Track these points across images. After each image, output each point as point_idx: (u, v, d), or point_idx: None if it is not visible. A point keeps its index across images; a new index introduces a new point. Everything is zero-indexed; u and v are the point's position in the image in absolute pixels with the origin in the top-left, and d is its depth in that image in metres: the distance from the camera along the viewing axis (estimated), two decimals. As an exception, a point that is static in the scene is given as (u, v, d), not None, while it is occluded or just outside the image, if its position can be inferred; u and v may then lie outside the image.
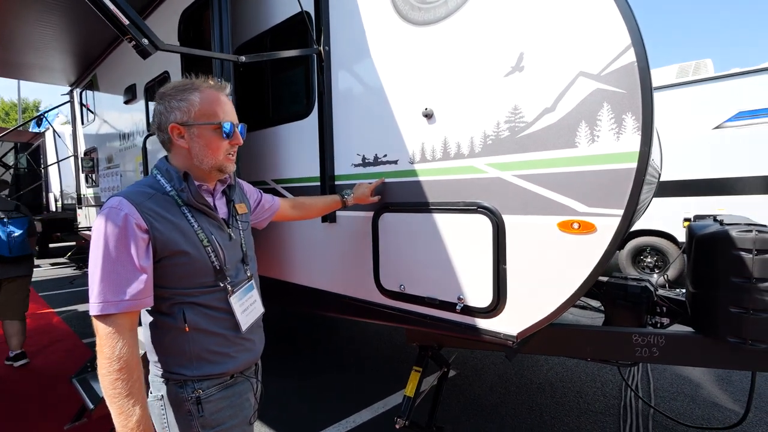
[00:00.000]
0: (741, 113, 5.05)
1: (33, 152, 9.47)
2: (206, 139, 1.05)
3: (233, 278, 1.11)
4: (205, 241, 1.04)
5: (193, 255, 1.01)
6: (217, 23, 2.21)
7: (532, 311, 1.44)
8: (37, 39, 4.63)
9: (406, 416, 1.97)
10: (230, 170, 1.13)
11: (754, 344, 1.53)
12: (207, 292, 1.05)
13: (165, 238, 0.98)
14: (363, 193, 1.78)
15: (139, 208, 0.96)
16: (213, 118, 1.05)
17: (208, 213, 1.09)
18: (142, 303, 0.95)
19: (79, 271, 8.24)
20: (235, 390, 1.12)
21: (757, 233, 1.53)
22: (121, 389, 0.91)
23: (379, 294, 1.94)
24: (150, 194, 1.01)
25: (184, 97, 1.04)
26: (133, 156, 4.38)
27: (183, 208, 1.04)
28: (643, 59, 1.16)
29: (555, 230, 1.35)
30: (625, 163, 1.20)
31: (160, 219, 0.98)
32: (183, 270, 1.01)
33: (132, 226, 0.93)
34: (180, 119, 1.04)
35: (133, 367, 0.92)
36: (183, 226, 1.02)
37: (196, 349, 1.04)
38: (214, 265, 1.05)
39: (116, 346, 0.91)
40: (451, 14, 1.60)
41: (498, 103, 1.47)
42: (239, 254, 1.16)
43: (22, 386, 3.14)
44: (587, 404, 2.77)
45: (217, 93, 1.08)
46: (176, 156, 1.09)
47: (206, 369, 1.05)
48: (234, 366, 1.10)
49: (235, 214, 1.19)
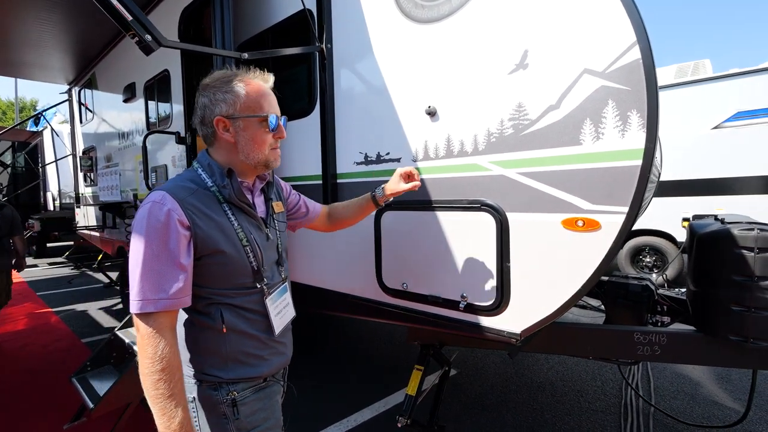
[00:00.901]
0: (740, 113, 5.07)
1: (31, 151, 9.44)
2: (252, 133, 1.02)
3: (269, 280, 1.08)
4: (245, 240, 1.01)
5: (232, 255, 0.99)
6: (218, 20, 2.20)
7: (536, 309, 1.44)
8: (36, 37, 4.61)
9: (407, 415, 1.97)
10: (275, 165, 1.09)
11: (755, 342, 1.53)
12: (244, 294, 1.03)
13: (206, 236, 0.95)
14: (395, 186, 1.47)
15: (182, 204, 0.93)
16: (259, 110, 1.02)
17: (247, 211, 1.06)
18: (181, 302, 0.93)
19: (77, 270, 8.20)
20: (267, 392, 1.10)
21: (759, 231, 1.54)
22: (163, 390, 0.88)
23: (382, 292, 1.93)
24: (192, 190, 0.98)
25: (230, 88, 1.00)
26: (132, 155, 4.36)
27: (224, 206, 1.01)
28: (648, 56, 1.16)
29: (559, 228, 1.35)
30: (630, 160, 1.20)
31: (202, 216, 0.96)
32: (222, 270, 0.99)
33: (175, 223, 0.90)
34: (226, 112, 1.00)
35: (175, 368, 0.90)
36: (224, 225, 0.99)
37: (232, 351, 1.02)
38: (252, 266, 1.02)
39: (158, 346, 0.88)
40: (454, 12, 1.60)
41: (502, 101, 1.47)
42: (275, 255, 1.13)
43: (22, 386, 3.12)
44: (588, 403, 2.77)
45: (262, 85, 1.05)
46: (219, 150, 1.05)
47: (241, 372, 1.03)
48: (267, 369, 1.08)
49: (272, 213, 1.15)
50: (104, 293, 6.16)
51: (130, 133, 4.47)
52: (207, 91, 1.02)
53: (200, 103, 1.03)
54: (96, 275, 7.48)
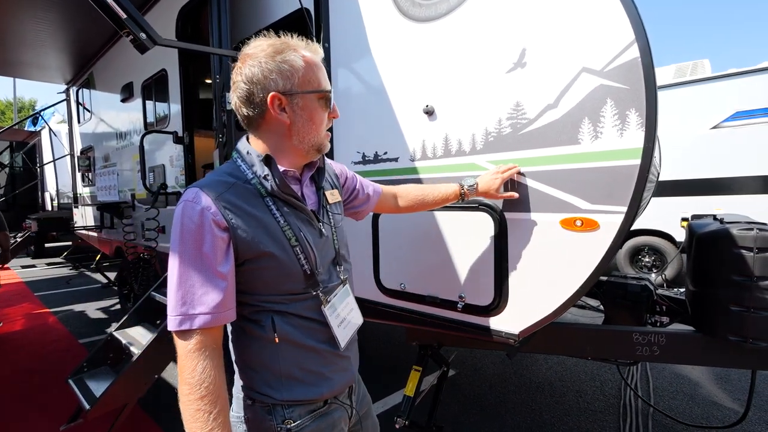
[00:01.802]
0: (738, 113, 5.07)
1: (29, 151, 9.41)
2: (310, 112, 0.87)
3: (326, 284, 0.93)
4: (294, 240, 0.86)
5: (280, 257, 0.84)
6: (216, 19, 2.19)
7: (534, 309, 1.43)
8: (33, 36, 4.59)
9: (406, 416, 1.96)
10: (327, 149, 0.95)
11: (754, 343, 1.53)
12: (297, 300, 0.88)
13: (248, 238, 0.81)
14: (492, 185, 1.33)
15: (218, 202, 0.80)
16: (318, 85, 0.87)
17: (295, 205, 0.89)
18: (224, 317, 0.80)
19: (75, 271, 8.18)
20: (329, 420, 0.94)
21: (758, 231, 1.53)
22: (203, 422, 0.75)
23: (380, 293, 1.92)
24: (230, 184, 0.84)
25: (285, 59, 0.83)
26: (130, 155, 4.35)
27: (267, 200, 0.86)
28: (646, 55, 1.16)
29: (558, 228, 1.34)
30: (628, 159, 1.20)
31: (242, 214, 0.82)
32: (268, 275, 0.85)
33: (209, 224, 0.78)
34: (283, 87, 0.83)
35: (218, 396, 0.77)
36: (268, 223, 0.84)
37: (287, 365, 0.87)
38: (305, 270, 0.87)
39: (197, 369, 0.76)
40: (452, 10, 1.59)
41: (500, 100, 1.46)
42: (331, 254, 0.96)
43: (18, 387, 3.10)
44: (587, 403, 2.76)
45: (315, 57, 0.89)
46: (266, 134, 0.89)
47: (298, 392, 0.88)
48: (329, 390, 0.92)
49: (325, 204, 0.99)
50: (102, 294, 6.15)
51: (127, 133, 4.45)
52: (255, 60, 0.83)
53: (246, 77, 0.84)
54: (94, 275, 7.46)
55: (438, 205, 1.37)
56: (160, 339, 2.28)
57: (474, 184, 1.35)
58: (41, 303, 5.66)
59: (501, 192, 1.37)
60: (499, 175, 1.36)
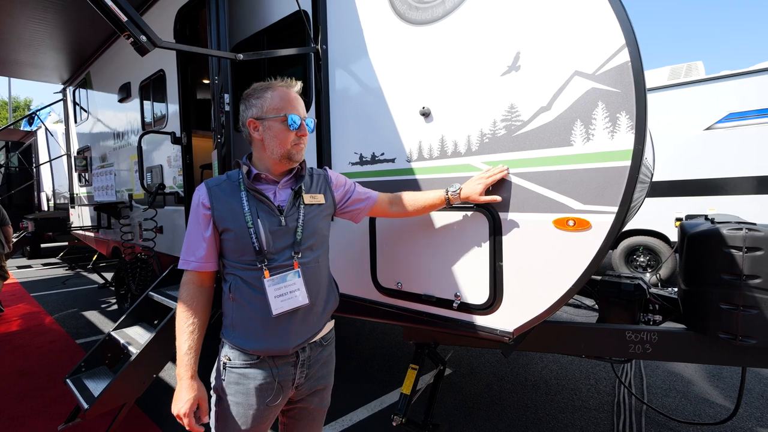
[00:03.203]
0: (731, 114, 5.13)
1: (24, 151, 9.36)
2: (275, 131, 1.19)
3: (274, 262, 1.17)
4: (250, 222, 1.15)
5: (237, 233, 1.15)
6: (214, 21, 2.21)
7: (528, 308, 1.46)
8: (30, 36, 4.58)
9: (402, 414, 1.98)
10: (299, 159, 1.25)
11: (744, 340, 1.56)
12: (247, 269, 1.17)
13: (220, 216, 1.16)
14: (474, 190, 1.44)
15: (209, 191, 1.18)
16: (281, 111, 1.19)
17: (260, 198, 1.19)
18: (205, 266, 1.17)
19: (71, 271, 8.15)
20: (255, 373, 1.18)
21: (747, 231, 1.56)
22: (180, 324, 1.15)
23: (377, 292, 1.95)
24: (222, 180, 1.22)
25: (260, 95, 1.20)
26: (127, 155, 4.35)
27: (242, 193, 1.19)
28: (636, 59, 1.18)
29: (551, 227, 1.37)
30: (619, 161, 1.22)
31: (221, 200, 1.17)
32: (231, 245, 1.17)
33: (199, 204, 1.18)
34: (255, 114, 1.20)
35: (193, 313, 1.16)
36: (236, 208, 1.17)
37: (234, 317, 1.19)
38: (254, 246, 1.15)
39: (183, 292, 1.17)
40: (448, 14, 1.61)
41: (494, 102, 1.49)
42: (288, 240, 1.19)
43: (16, 387, 3.10)
44: (581, 401, 2.80)
45: (287, 90, 1.21)
46: (254, 148, 1.25)
47: (235, 339, 1.18)
48: (260, 347, 1.17)
49: (300, 203, 1.24)
50: (99, 294, 6.13)
51: (125, 133, 4.45)
52: (243, 99, 1.23)
53: (240, 110, 1.25)
54: (91, 276, 7.44)
55: (426, 211, 1.56)
56: (158, 339, 2.29)
57: (457, 190, 1.47)
58: (38, 304, 5.64)
59: (483, 196, 1.45)
60: (482, 180, 1.45)
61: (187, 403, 1.12)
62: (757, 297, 1.53)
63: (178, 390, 1.14)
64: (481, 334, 1.60)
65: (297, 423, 1.34)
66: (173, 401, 1.14)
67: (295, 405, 1.31)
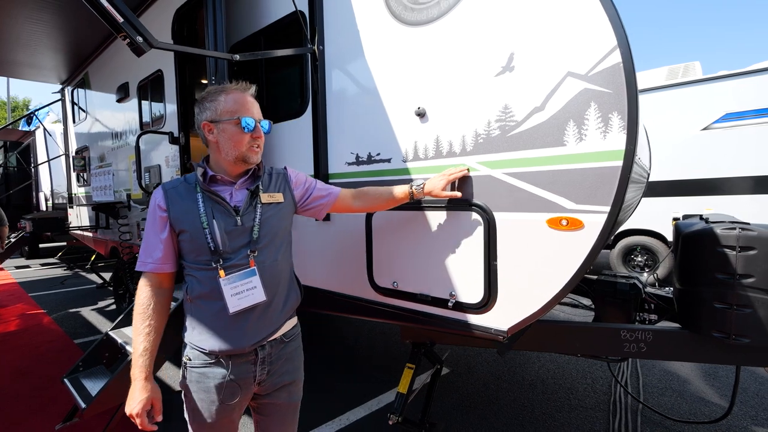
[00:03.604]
0: (728, 115, 5.15)
1: (23, 151, 9.35)
2: (230, 133, 1.19)
3: (230, 261, 1.18)
4: (205, 223, 1.16)
5: (192, 233, 1.16)
6: (211, 22, 2.21)
7: (522, 306, 1.47)
8: (28, 36, 4.58)
9: (399, 413, 1.99)
10: (254, 161, 1.25)
11: (737, 339, 1.57)
12: (203, 269, 1.18)
13: (176, 217, 1.17)
14: (436, 185, 1.51)
15: (165, 194, 1.20)
16: (235, 114, 1.19)
17: (215, 199, 1.20)
18: (163, 267, 1.18)
19: (69, 271, 8.14)
20: (215, 371, 1.20)
21: (741, 231, 1.57)
22: (137, 326, 1.16)
23: (373, 291, 1.95)
24: (178, 183, 1.24)
25: (214, 98, 1.21)
26: (125, 155, 4.35)
27: (198, 195, 1.20)
28: (628, 60, 1.20)
29: (544, 227, 1.38)
30: (611, 161, 1.24)
31: (177, 202, 1.19)
32: (188, 246, 1.19)
33: (156, 207, 1.19)
34: (209, 117, 1.21)
35: (149, 315, 1.17)
36: (191, 209, 1.18)
37: (193, 318, 1.21)
38: (209, 246, 1.16)
39: (140, 294, 1.18)
40: (443, 15, 1.62)
41: (489, 103, 1.50)
42: (245, 240, 1.21)
43: (14, 387, 3.10)
44: (578, 400, 2.81)
45: (242, 93, 1.22)
46: (211, 151, 1.26)
47: (194, 338, 1.21)
48: (216, 347, 1.18)
49: (257, 203, 1.25)
50: (97, 294, 6.13)
51: (123, 133, 4.45)
52: (198, 103, 1.24)
53: (195, 113, 1.25)
54: (89, 276, 7.43)
55: (391, 205, 1.59)
56: (156, 338, 2.30)
57: (421, 185, 1.54)
58: (36, 304, 5.63)
59: (445, 191, 1.52)
60: (445, 177, 1.53)
61: (140, 404, 1.14)
62: (751, 296, 1.54)
63: (132, 390, 1.16)
64: (475, 333, 1.61)
65: (268, 419, 1.36)
66: (127, 401, 1.16)
67: (262, 401, 1.33)
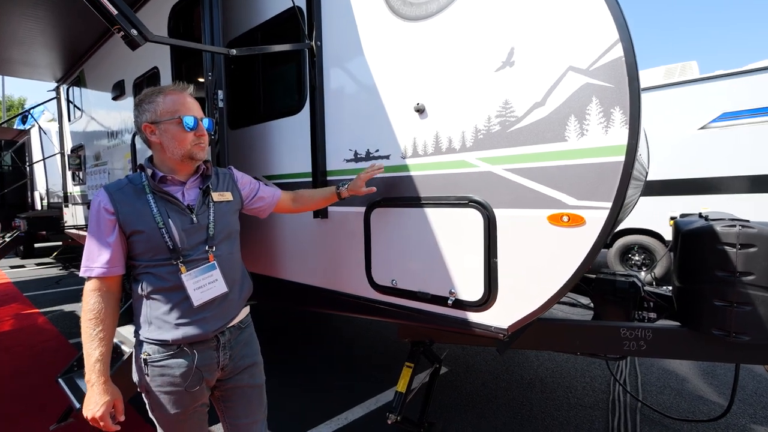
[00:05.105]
0: (725, 114, 5.16)
1: (18, 150, 9.27)
2: (172, 133, 1.22)
3: (189, 257, 1.22)
4: (161, 223, 1.19)
5: (148, 234, 1.18)
6: (207, 17, 2.19)
7: (522, 304, 1.46)
8: (23, 34, 4.53)
9: (397, 412, 1.97)
10: (200, 157, 1.28)
11: (737, 337, 1.56)
12: (161, 265, 1.20)
13: (127, 219, 1.18)
14: (356, 185, 1.69)
15: (111, 196, 1.18)
16: (175, 114, 1.22)
17: (168, 199, 1.23)
18: (111, 271, 1.18)
19: (65, 270, 8.08)
20: (178, 361, 1.22)
21: (741, 228, 1.57)
22: (88, 334, 1.15)
23: (371, 289, 1.94)
24: (123, 184, 1.23)
25: (151, 99, 1.23)
26: (121, 153, 4.31)
27: (148, 196, 1.21)
28: (630, 54, 1.18)
29: (545, 223, 1.37)
30: (613, 156, 1.22)
31: (125, 203, 1.19)
32: (142, 246, 1.19)
33: (102, 210, 1.17)
34: (149, 119, 1.22)
35: (101, 321, 1.16)
36: (142, 210, 1.19)
37: (150, 313, 1.22)
38: (168, 244, 1.19)
39: (89, 301, 1.16)
40: (442, 10, 1.60)
41: (489, 98, 1.48)
42: (202, 237, 1.26)
43: (8, 386, 3.07)
44: (577, 399, 2.80)
45: (180, 93, 1.25)
46: (155, 151, 1.27)
47: (154, 333, 1.21)
48: (180, 336, 1.20)
49: (209, 201, 1.30)
50: (93, 293, 6.08)
51: (119, 132, 4.41)
52: (136, 105, 1.25)
53: (134, 116, 1.26)
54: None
55: (322, 205, 1.80)
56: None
57: (346, 185, 1.71)
58: (31, 303, 5.58)
59: (363, 188, 1.69)
60: (362, 177, 1.69)
61: (104, 407, 1.14)
62: (751, 294, 1.53)
63: (89, 395, 1.16)
64: (475, 331, 1.60)
65: (235, 404, 1.38)
66: (84, 406, 1.16)
67: (226, 386, 1.36)
